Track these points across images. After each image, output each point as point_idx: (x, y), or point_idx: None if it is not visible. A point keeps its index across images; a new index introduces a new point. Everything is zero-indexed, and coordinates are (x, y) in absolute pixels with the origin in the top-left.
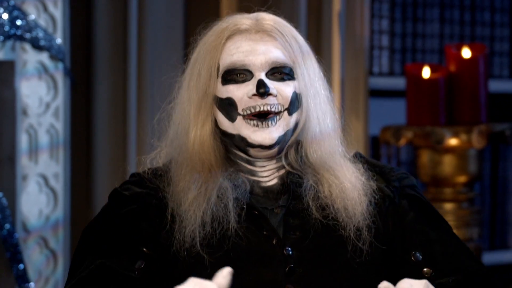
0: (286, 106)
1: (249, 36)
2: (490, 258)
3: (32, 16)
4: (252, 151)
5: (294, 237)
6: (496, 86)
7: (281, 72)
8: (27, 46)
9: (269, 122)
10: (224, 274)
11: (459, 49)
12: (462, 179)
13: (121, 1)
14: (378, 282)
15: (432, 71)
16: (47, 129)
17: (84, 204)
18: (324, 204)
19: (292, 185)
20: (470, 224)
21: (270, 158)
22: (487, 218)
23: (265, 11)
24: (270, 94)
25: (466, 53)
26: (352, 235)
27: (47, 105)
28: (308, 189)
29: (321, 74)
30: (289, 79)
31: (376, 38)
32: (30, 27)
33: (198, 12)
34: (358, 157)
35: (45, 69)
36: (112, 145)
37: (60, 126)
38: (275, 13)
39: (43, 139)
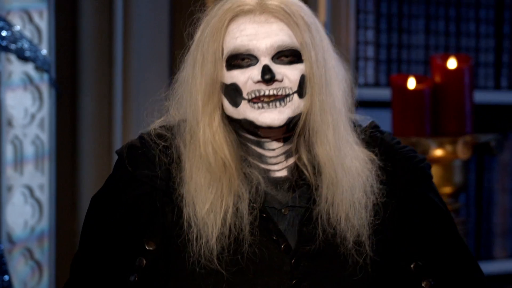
0: (295, 89)
1: (253, 18)
2: None
3: (17, 27)
4: (261, 132)
5: (307, 248)
6: (481, 97)
7: (288, 55)
8: (12, 57)
9: (277, 103)
10: None
11: (444, 60)
12: (447, 189)
13: (107, 12)
14: None
15: (418, 82)
16: (32, 140)
17: (69, 215)
18: (332, 215)
19: (303, 191)
20: None
21: (278, 139)
22: (472, 228)
23: None
24: (276, 80)
25: (451, 64)
26: (352, 251)
27: (32, 116)
28: (319, 197)
29: (333, 53)
30: (296, 62)
31: (361, 49)
32: (15, 38)
33: (184, 23)
34: (372, 133)
35: (30, 80)
36: (97, 156)
37: (45, 137)
38: None
39: (28, 150)
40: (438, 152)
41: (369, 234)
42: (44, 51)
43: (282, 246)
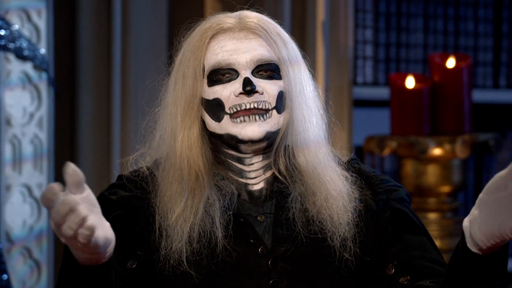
0: (274, 104)
1: (233, 35)
2: None
3: (16, 26)
4: (242, 146)
5: (282, 249)
6: (480, 96)
7: (267, 69)
8: (11, 56)
9: (257, 117)
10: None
11: (443, 59)
12: (446, 189)
13: (105, 11)
14: None
15: (416, 81)
16: (31, 139)
17: None
18: (309, 216)
19: (277, 195)
20: (454, 234)
21: (258, 154)
22: None
23: (247, 9)
24: (257, 92)
25: (450, 63)
26: (337, 245)
27: (31, 115)
28: (294, 201)
29: (307, 71)
30: (275, 78)
31: (360, 48)
32: (14, 37)
33: (182, 23)
34: (352, 164)
35: (29, 79)
36: (96, 155)
37: (44, 136)
38: (259, 10)
39: (27, 149)
40: (437, 151)
41: (351, 236)
42: (42, 50)
43: (260, 248)
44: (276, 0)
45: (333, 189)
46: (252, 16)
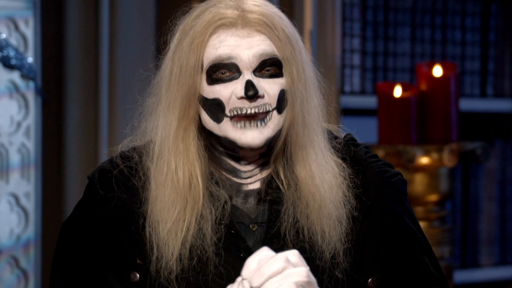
0: (275, 105)
1: (236, 32)
2: (461, 276)
3: (3, 35)
4: (240, 151)
5: None
6: (467, 105)
7: (270, 65)
8: None
9: (258, 123)
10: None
11: (430, 68)
12: (433, 197)
13: (93, 20)
14: None
15: (404, 90)
16: (18, 148)
17: (55, 224)
18: (300, 230)
19: (270, 205)
20: (441, 242)
21: (256, 156)
22: (458, 236)
23: None
24: (258, 96)
25: (437, 71)
26: (328, 264)
27: (18, 124)
28: (286, 213)
29: (311, 65)
30: (277, 76)
31: (347, 57)
32: (1, 46)
33: (169, 30)
34: (347, 146)
35: (16, 88)
36: (83, 164)
37: (31, 145)
38: None
39: (14, 158)
40: (424, 160)
41: (344, 249)
42: (30, 59)
43: None
44: None
45: (329, 199)
46: (255, 10)
